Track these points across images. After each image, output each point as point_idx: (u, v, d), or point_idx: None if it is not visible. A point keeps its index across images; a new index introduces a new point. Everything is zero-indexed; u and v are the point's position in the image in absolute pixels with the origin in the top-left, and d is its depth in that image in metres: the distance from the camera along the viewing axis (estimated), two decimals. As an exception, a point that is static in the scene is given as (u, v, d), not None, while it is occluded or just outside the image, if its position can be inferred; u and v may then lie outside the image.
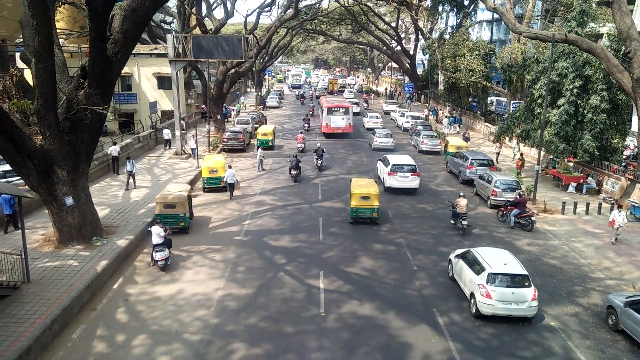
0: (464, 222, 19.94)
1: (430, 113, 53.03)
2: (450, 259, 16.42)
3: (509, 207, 21.43)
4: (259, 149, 30.69)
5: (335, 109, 40.92)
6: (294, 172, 27.26)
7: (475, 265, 14.42)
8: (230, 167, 24.91)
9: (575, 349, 12.52)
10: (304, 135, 36.66)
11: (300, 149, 34.83)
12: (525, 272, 13.83)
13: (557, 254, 18.53)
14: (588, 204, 23.07)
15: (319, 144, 31.52)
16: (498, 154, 33.90)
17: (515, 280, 13.63)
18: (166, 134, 34.96)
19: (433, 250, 18.57)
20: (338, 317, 13.78)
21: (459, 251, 16.22)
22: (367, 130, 43.52)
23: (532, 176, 27.04)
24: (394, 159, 26.19)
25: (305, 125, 44.83)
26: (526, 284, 13.57)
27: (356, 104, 46.90)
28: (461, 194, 20.92)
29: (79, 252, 16.25)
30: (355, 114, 42.77)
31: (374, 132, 38.13)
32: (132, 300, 14.42)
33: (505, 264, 14.05)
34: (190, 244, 18.54)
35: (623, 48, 24.33)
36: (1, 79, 16.03)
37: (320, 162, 30.13)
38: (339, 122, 40.49)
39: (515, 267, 14.01)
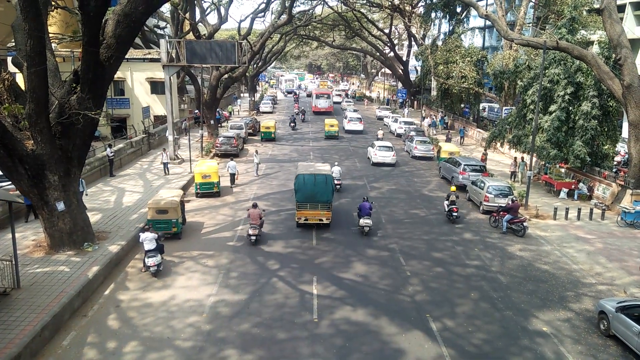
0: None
1: (438, 122, 50.04)
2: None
3: (501, 213, 21.52)
4: (256, 155, 30.41)
5: (321, 95, 61.57)
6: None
7: None
8: (232, 159, 28.37)
9: (567, 355, 12.55)
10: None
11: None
12: None
13: (549, 259, 18.61)
14: (579, 209, 23.23)
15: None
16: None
17: None
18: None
19: (426, 256, 18.59)
20: (331, 323, 13.74)
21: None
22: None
23: (524, 182, 27.21)
24: (380, 143, 34.65)
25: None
26: None
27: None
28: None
29: (70, 258, 16.11)
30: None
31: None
32: (124, 307, 14.30)
33: None
34: (182, 250, 18.44)
35: (613, 55, 24.61)
36: (-7, 83, 15.94)
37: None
38: (323, 104, 59.80)
39: None
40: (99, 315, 13.78)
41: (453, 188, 23.66)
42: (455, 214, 21.98)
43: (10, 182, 18.64)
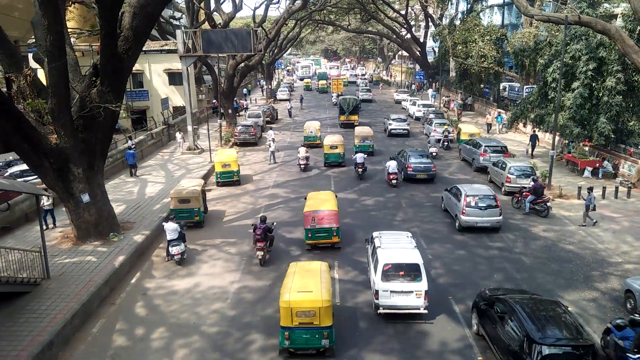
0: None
1: (495, 120, 40.01)
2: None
3: (524, 194, 21.22)
4: (273, 142, 30.27)
5: (335, 78, 70.91)
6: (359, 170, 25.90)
7: None
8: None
9: (593, 334, 12.41)
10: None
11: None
12: None
13: (573, 239, 18.34)
14: (604, 188, 22.75)
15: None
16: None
17: None
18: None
19: (448, 239, 18.49)
20: (354, 307, 13.81)
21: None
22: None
23: (546, 161, 26.74)
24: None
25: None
26: None
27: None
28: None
29: (97, 248, 16.50)
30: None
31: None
32: (150, 294, 14.63)
33: None
34: (205, 238, 18.71)
35: (638, 28, 23.83)
36: (15, 79, 16.27)
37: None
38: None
39: None
40: (127, 303, 14.13)
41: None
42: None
43: (36, 176, 19.15)
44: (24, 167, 21.74)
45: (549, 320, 10.53)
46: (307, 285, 11.59)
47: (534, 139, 30.47)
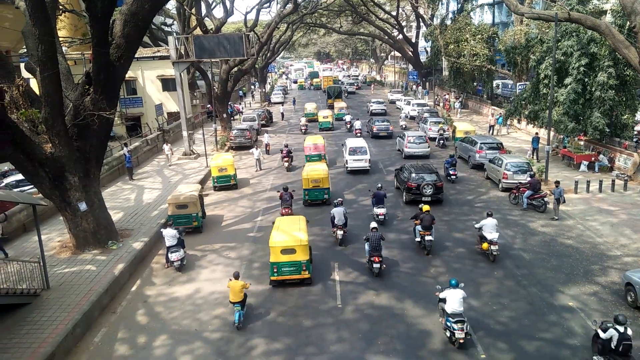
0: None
1: (497, 122, 38.09)
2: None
3: (521, 189, 21.29)
4: (256, 149, 29.47)
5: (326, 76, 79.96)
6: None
7: None
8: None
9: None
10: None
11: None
12: None
13: (572, 233, 18.39)
14: (601, 181, 22.85)
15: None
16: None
17: None
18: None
19: (447, 237, 18.50)
20: (355, 308, 13.81)
21: None
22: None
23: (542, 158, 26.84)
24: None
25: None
26: None
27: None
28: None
29: (96, 257, 16.41)
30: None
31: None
32: (151, 302, 14.55)
33: None
34: (204, 243, 18.64)
35: (628, 23, 23.98)
36: (8, 89, 16.18)
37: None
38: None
39: None
40: (128, 311, 14.05)
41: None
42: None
43: (32, 186, 19.04)
44: (20, 177, 21.62)
45: (420, 170, 21.69)
46: (288, 231, 15.17)
47: (536, 141, 28.69)
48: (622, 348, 10.32)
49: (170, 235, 16.24)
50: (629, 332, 10.47)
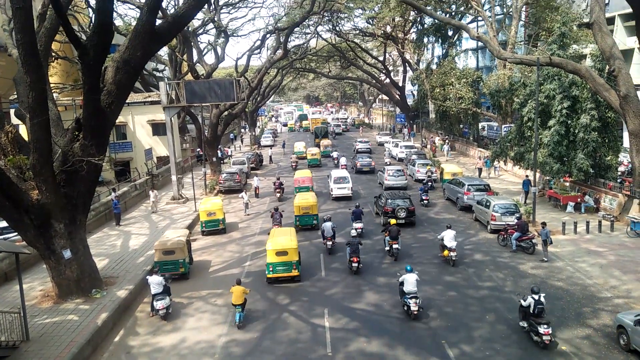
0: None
1: (484, 165, 37.62)
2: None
3: (509, 231, 21.35)
4: (245, 193, 30.06)
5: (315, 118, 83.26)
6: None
7: None
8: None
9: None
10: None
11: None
12: None
13: (562, 275, 18.34)
14: (588, 222, 23.02)
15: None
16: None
17: None
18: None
19: (438, 280, 18.36)
20: (346, 356, 13.48)
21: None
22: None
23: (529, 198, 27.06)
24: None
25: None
26: None
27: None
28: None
29: (79, 306, 15.97)
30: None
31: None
32: (135, 353, 14.10)
33: None
34: (191, 290, 18.29)
35: (607, 67, 24.82)
36: (-4, 136, 16.18)
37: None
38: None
39: None
40: (110, 363, 13.58)
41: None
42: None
43: (16, 233, 18.70)
44: (4, 224, 21.25)
45: (394, 197, 24.79)
46: (282, 238, 18.67)
47: (526, 184, 28.07)
48: (537, 311, 13.48)
49: (156, 282, 15.92)
50: (542, 299, 13.49)
